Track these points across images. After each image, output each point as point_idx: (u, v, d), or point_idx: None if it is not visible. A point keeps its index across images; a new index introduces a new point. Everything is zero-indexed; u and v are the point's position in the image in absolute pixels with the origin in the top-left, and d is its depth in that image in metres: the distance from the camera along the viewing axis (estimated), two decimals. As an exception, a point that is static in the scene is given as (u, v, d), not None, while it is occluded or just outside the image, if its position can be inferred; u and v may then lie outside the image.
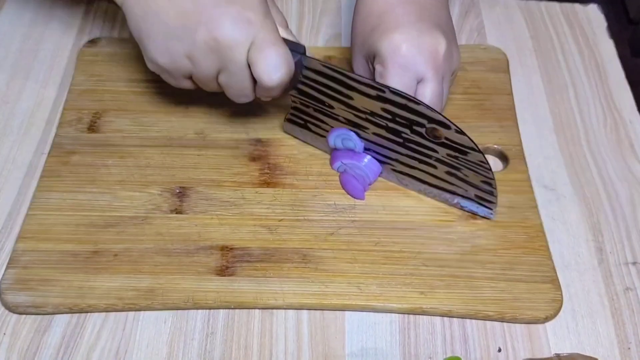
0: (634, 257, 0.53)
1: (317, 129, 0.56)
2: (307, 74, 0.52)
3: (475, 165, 0.50)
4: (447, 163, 0.51)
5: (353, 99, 0.52)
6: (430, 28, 0.51)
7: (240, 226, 0.53)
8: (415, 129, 0.51)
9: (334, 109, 0.53)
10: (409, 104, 0.49)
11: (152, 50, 0.50)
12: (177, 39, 0.49)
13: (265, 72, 0.48)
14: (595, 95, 0.63)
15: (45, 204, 0.54)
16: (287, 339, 0.48)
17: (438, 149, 0.51)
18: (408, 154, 0.53)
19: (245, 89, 0.51)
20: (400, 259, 0.51)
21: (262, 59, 0.48)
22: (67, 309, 0.49)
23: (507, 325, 0.49)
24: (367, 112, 0.52)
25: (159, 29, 0.49)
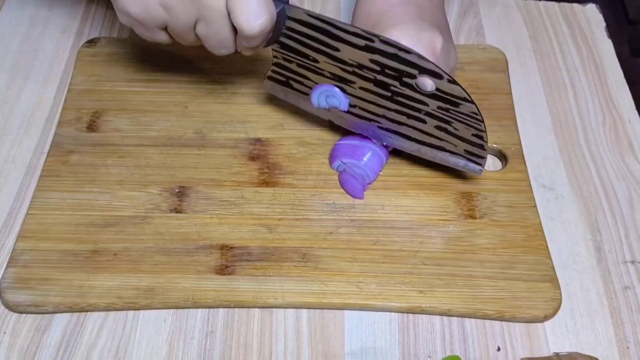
0: (633, 256, 0.53)
1: (300, 86, 0.54)
2: (291, 24, 0.50)
3: (467, 118, 0.49)
4: (437, 117, 0.50)
5: (339, 51, 0.50)
6: (429, 26, 0.51)
7: (239, 225, 0.53)
8: (405, 80, 0.49)
9: (318, 63, 0.52)
10: (399, 53, 0.48)
11: (124, 1, 0.48)
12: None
13: (245, 19, 0.46)
14: (594, 95, 0.63)
15: (45, 204, 0.54)
16: (287, 338, 0.48)
17: (428, 101, 0.49)
18: (396, 108, 0.51)
19: (224, 39, 0.49)
20: (399, 258, 0.51)
21: (241, 6, 0.46)
22: (67, 308, 0.49)
23: (506, 324, 0.49)
24: (355, 65, 0.50)
25: None
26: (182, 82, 0.62)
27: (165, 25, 0.49)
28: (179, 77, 0.62)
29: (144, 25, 0.49)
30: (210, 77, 0.62)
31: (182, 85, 0.62)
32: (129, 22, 0.50)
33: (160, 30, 0.50)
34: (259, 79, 0.62)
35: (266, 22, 0.47)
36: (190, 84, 0.62)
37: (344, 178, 0.55)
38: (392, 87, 0.50)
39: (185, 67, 0.63)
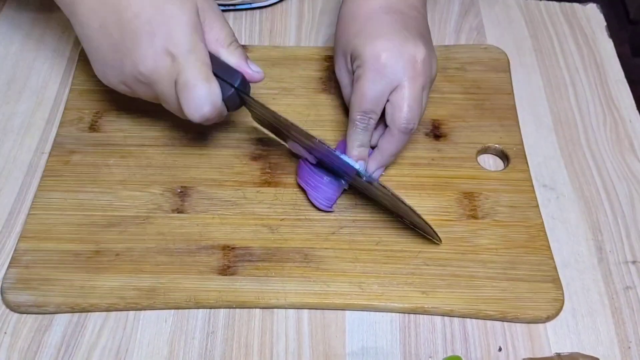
0: (634, 256, 0.53)
1: (276, 132, 0.56)
2: (248, 100, 0.52)
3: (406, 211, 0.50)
4: (387, 200, 0.51)
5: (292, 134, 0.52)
6: (414, 37, 0.52)
7: (241, 226, 0.53)
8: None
9: (281, 133, 0.54)
10: (333, 155, 0.50)
11: (96, 72, 0.52)
12: (111, 67, 0.50)
13: (187, 110, 0.49)
14: (595, 95, 0.64)
15: (46, 204, 0.54)
16: (288, 338, 0.48)
17: (374, 190, 0.51)
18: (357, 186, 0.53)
19: (184, 115, 0.50)
20: (401, 259, 0.51)
21: (184, 98, 0.48)
22: (68, 308, 0.49)
23: (508, 325, 0.49)
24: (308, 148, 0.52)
25: (96, 55, 0.51)
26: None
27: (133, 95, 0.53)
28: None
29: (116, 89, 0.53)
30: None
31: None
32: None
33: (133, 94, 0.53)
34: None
35: (208, 114, 0.49)
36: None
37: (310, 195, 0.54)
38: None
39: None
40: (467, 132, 0.59)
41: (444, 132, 0.59)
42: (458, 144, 0.58)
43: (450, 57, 0.64)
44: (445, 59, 0.63)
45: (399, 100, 0.51)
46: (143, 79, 0.49)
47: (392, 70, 0.51)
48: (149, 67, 0.48)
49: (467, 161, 0.57)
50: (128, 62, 0.49)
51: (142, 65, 0.48)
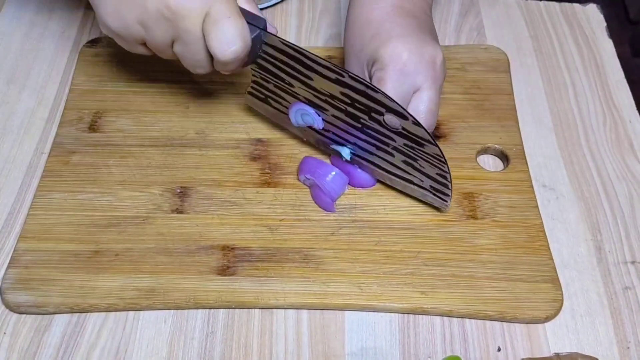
0: (633, 257, 0.53)
1: (277, 104, 0.55)
2: (267, 49, 0.51)
3: (431, 158, 0.50)
4: (404, 152, 0.51)
5: (313, 80, 0.51)
6: (430, 40, 0.52)
7: (241, 226, 0.53)
8: (373, 115, 0.50)
9: (294, 87, 0.52)
10: (367, 91, 0.49)
11: (103, 14, 0.49)
12: (129, 3, 0.47)
13: (219, 46, 0.47)
14: (595, 95, 0.64)
15: (46, 204, 0.54)
16: (287, 338, 0.48)
17: (395, 137, 0.50)
18: (366, 139, 0.52)
19: (200, 60, 0.49)
20: (401, 259, 0.51)
21: (216, 32, 0.46)
22: (68, 308, 0.49)
23: (507, 325, 0.49)
24: (327, 94, 0.51)
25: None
26: (184, 83, 0.62)
27: (143, 41, 0.50)
28: (181, 77, 0.62)
29: (123, 39, 0.50)
30: (212, 78, 0.62)
31: (184, 85, 0.62)
32: (110, 34, 0.51)
33: (139, 45, 0.51)
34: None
35: (239, 50, 0.47)
36: (192, 85, 0.62)
37: (314, 192, 0.54)
38: (362, 119, 0.51)
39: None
40: (467, 132, 0.59)
41: (443, 133, 0.59)
42: (458, 144, 0.58)
43: (451, 58, 0.64)
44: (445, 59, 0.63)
45: (419, 104, 0.50)
46: (168, 14, 0.46)
47: (414, 70, 0.50)
48: (180, 0, 0.46)
49: (467, 161, 0.57)
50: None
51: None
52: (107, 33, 0.51)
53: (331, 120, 0.53)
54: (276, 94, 0.54)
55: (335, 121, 0.52)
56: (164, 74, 0.62)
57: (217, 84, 0.62)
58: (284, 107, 0.55)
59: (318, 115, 0.53)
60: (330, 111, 0.52)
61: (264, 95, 0.55)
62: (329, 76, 0.50)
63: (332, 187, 0.53)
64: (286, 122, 0.56)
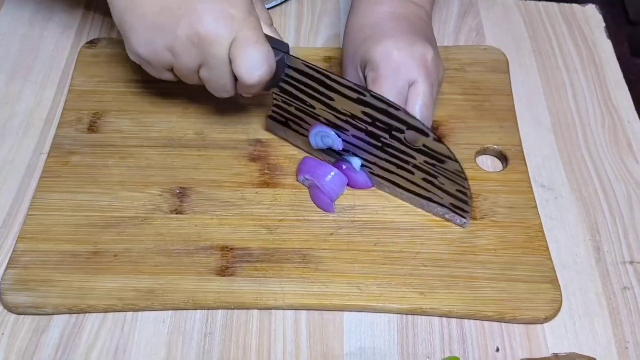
0: (631, 257, 0.53)
1: (297, 127, 0.56)
2: (290, 72, 0.52)
3: (451, 174, 0.50)
4: (424, 170, 0.51)
5: (334, 100, 0.52)
6: (420, 39, 0.52)
7: (240, 226, 0.53)
8: (394, 134, 0.51)
9: (315, 109, 0.53)
10: (388, 109, 0.49)
11: (134, 42, 0.50)
12: (159, 31, 0.49)
13: (245, 70, 0.48)
14: (594, 95, 0.64)
15: (45, 205, 0.54)
16: (286, 339, 0.48)
17: (416, 155, 0.51)
18: (386, 158, 0.53)
19: (225, 84, 0.51)
20: (399, 259, 0.51)
21: (242, 56, 0.48)
22: (67, 309, 0.49)
23: (505, 325, 0.49)
24: (348, 114, 0.52)
25: (142, 20, 0.49)
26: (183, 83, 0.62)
27: (171, 66, 0.51)
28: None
29: (151, 65, 0.52)
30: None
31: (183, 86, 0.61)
32: (138, 60, 0.52)
33: (166, 71, 0.52)
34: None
35: (265, 74, 0.49)
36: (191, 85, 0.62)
37: (313, 192, 0.54)
38: (382, 138, 0.51)
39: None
40: (466, 133, 0.59)
41: (443, 133, 0.59)
42: (457, 144, 0.58)
43: (450, 58, 0.64)
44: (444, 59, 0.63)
45: (413, 99, 0.51)
46: (197, 40, 0.48)
47: (406, 67, 0.51)
48: (209, 26, 0.47)
49: (466, 162, 0.57)
50: (184, 23, 0.48)
51: (200, 25, 0.47)
52: (134, 59, 0.52)
53: (351, 140, 0.53)
54: (297, 117, 0.55)
55: (356, 141, 0.53)
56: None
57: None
58: (304, 129, 0.55)
59: (338, 137, 0.54)
60: (351, 131, 0.53)
61: (284, 119, 0.56)
62: (350, 96, 0.51)
63: (331, 187, 0.53)
64: (305, 144, 0.57)
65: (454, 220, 0.53)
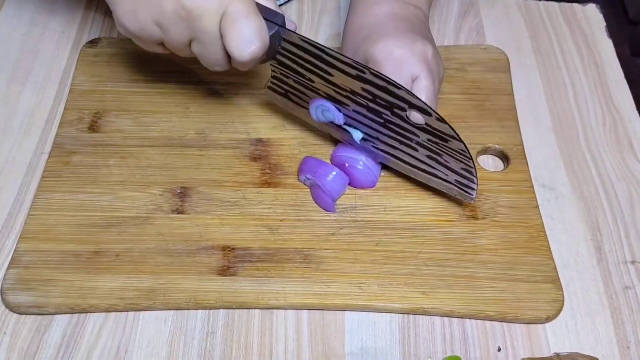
0: (633, 256, 0.53)
1: (298, 99, 0.55)
2: (286, 45, 0.51)
3: (456, 153, 0.50)
4: (427, 147, 0.51)
5: (333, 76, 0.51)
6: (420, 38, 0.53)
7: (241, 226, 0.53)
8: (395, 111, 0.50)
9: (314, 82, 0.52)
10: (389, 87, 0.49)
11: (121, 15, 0.49)
12: (145, 4, 0.47)
13: (237, 45, 0.46)
14: (594, 95, 0.64)
15: (46, 204, 0.54)
16: (287, 338, 0.48)
17: (419, 133, 0.50)
18: (389, 134, 0.52)
19: (218, 59, 0.49)
20: (401, 259, 0.51)
21: (233, 31, 0.46)
22: (68, 309, 0.49)
23: (507, 325, 0.49)
24: (348, 90, 0.51)
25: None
26: (184, 83, 0.62)
27: (161, 41, 0.50)
28: (181, 77, 0.62)
29: (141, 39, 0.50)
30: (212, 78, 0.62)
31: (184, 85, 0.62)
32: (126, 34, 0.51)
33: (157, 45, 0.51)
34: (260, 79, 0.62)
35: (257, 50, 0.47)
36: (192, 85, 0.62)
37: (314, 192, 0.54)
38: (384, 114, 0.51)
39: (187, 68, 0.63)
40: (467, 132, 0.58)
41: (443, 133, 0.59)
42: (458, 144, 0.58)
43: (450, 58, 0.64)
44: (445, 59, 0.63)
45: (417, 94, 0.50)
46: (185, 14, 0.46)
47: (408, 63, 0.51)
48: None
49: (467, 162, 0.57)
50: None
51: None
52: (124, 34, 0.51)
53: (352, 115, 0.52)
54: (296, 89, 0.54)
55: (357, 116, 0.52)
56: (164, 74, 0.62)
57: (218, 84, 0.62)
58: (305, 102, 0.54)
59: (339, 111, 0.53)
60: (352, 106, 0.52)
61: (284, 90, 0.55)
62: (349, 72, 0.50)
63: (332, 187, 0.53)
64: (307, 116, 0.56)
65: (460, 196, 0.53)
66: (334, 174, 0.53)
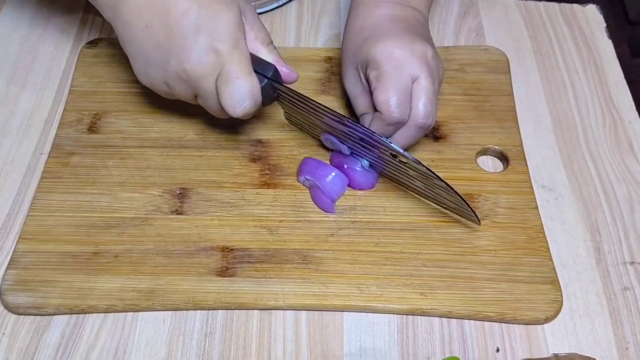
0: (632, 257, 0.53)
1: (309, 129, 0.57)
2: (279, 95, 0.53)
3: (442, 190, 0.50)
4: (421, 180, 0.52)
5: (328, 124, 0.53)
6: (419, 39, 0.53)
7: (240, 227, 0.53)
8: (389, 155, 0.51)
9: (313, 121, 0.54)
10: (366, 137, 0.50)
11: (136, 70, 0.53)
12: (154, 66, 0.51)
13: (230, 104, 0.49)
14: (594, 95, 0.64)
15: (45, 205, 0.54)
16: (286, 339, 0.48)
17: (409, 170, 0.51)
18: (389, 168, 0.53)
19: (220, 111, 0.52)
20: (400, 260, 0.51)
21: (226, 92, 0.49)
22: (67, 309, 0.49)
23: (506, 325, 0.49)
24: (346, 135, 0.53)
25: (140, 54, 0.51)
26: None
27: (171, 94, 0.53)
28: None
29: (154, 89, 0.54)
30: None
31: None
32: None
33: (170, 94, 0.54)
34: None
35: (249, 107, 0.50)
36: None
37: (314, 193, 0.54)
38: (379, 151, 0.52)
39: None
40: (467, 133, 0.59)
41: (443, 134, 0.59)
42: (458, 145, 0.58)
43: (450, 59, 0.64)
44: (444, 60, 0.63)
45: (417, 95, 0.51)
46: (186, 77, 0.50)
47: (408, 64, 0.51)
48: (194, 63, 0.49)
49: (467, 163, 0.57)
50: (173, 60, 0.49)
51: (187, 62, 0.49)
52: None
53: (354, 147, 0.54)
54: (306, 121, 0.56)
55: (359, 149, 0.54)
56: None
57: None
58: (315, 132, 0.57)
59: (343, 144, 0.54)
60: (349, 143, 0.54)
61: (296, 122, 0.58)
62: (333, 119, 0.51)
63: (332, 187, 0.53)
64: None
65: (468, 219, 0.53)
66: (333, 174, 0.53)
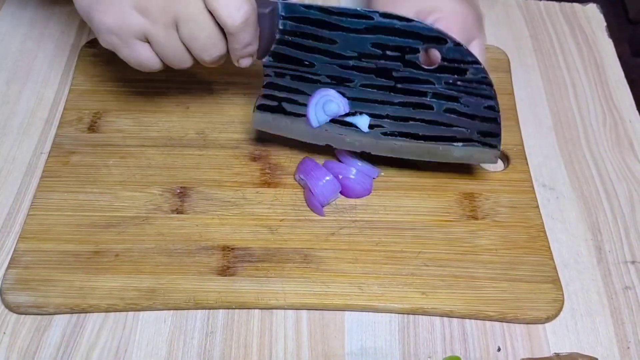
0: (633, 256, 0.53)
1: (293, 107, 0.53)
2: (285, 25, 0.49)
3: (477, 85, 0.48)
4: (445, 96, 0.49)
5: (337, 43, 0.49)
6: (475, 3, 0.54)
7: (241, 226, 0.53)
8: (407, 59, 0.48)
9: (314, 67, 0.50)
10: (400, 25, 0.47)
11: (101, 15, 0.47)
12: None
13: (227, 10, 0.44)
14: (595, 95, 0.64)
15: (46, 204, 0.54)
16: (287, 338, 0.48)
17: (434, 79, 0.49)
18: (401, 100, 0.50)
19: (211, 36, 0.46)
20: (401, 259, 0.51)
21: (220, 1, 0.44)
22: (68, 309, 0.49)
23: (507, 325, 0.49)
24: (354, 57, 0.49)
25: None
26: (184, 83, 0.62)
27: (145, 34, 0.47)
28: (181, 77, 0.62)
29: (123, 38, 0.47)
30: (212, 78, 0.62)
31: (184, 85, 0.62)
32: (109, 40, 0.48)
33: (142, 44, 0.48)
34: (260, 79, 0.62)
35: (249, 12, 0.45)
36: (192, 85, 0.62)
37: (306, 194, 0.54)
38: (394, 72, 0.49)
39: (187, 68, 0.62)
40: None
41: (443, 133, 0.59)
42: (458, 144, 0.58)
43: (450, 57, 0.64)
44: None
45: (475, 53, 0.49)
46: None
47: (472, 23, 0.51)
48: None
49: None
50: None
51: None
52: (107, 40, 0.49)
53: (358, 95, 0.51)
54: (292, 90, 0.52)
55: (364, 92, 0.50)
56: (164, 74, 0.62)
57: (217, 84, 0.62)
58: (302, 105, 0.53)
59: (343, 96, 0.51)
60: (358, 80, 0.50)
61: (277, 101, 0.53)
62: (357, 28, 0.47)
63: (321, 191, 0.53)
64: (303, 132, 0.54)
65: (484, 156, 0.51)
66: (327, 179, 0.53)
